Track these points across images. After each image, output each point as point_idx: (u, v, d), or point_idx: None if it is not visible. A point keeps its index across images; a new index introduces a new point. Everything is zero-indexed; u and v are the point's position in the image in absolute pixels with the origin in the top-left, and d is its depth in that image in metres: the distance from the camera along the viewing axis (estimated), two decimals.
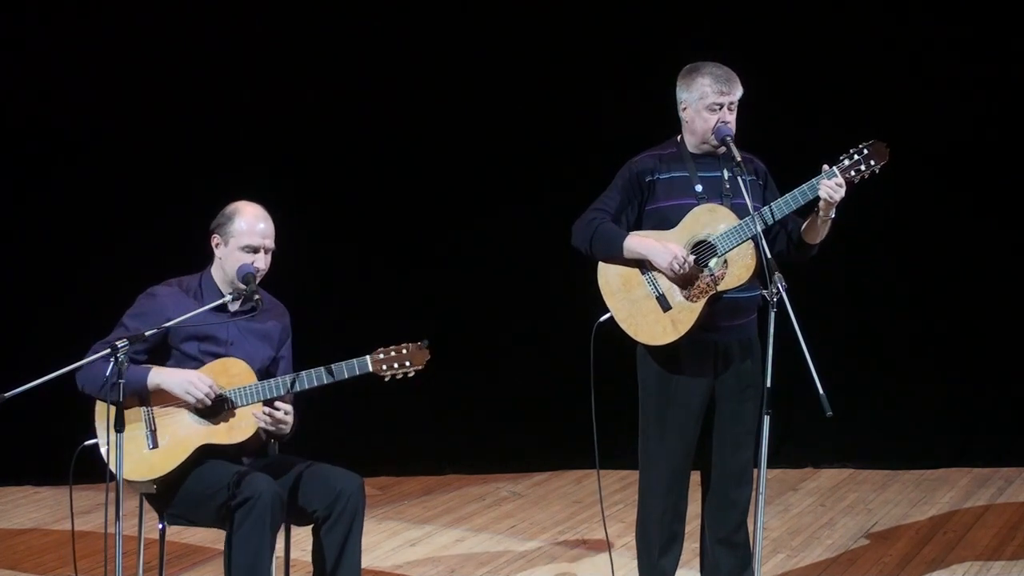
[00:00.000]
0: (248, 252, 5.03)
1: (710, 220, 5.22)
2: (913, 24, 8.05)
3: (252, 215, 5.07)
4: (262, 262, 5.06)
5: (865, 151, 5.19)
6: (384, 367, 5.00)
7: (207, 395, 4.91)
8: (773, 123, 7.25)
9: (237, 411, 4.97)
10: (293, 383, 4.96)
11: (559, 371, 7.07)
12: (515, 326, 8.16)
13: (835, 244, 5.35)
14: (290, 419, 4.99)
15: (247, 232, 5.04)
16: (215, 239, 5.08)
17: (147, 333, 4.82)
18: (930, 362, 8.26)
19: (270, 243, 5.08)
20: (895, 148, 5.23)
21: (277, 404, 4.96)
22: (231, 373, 4.99)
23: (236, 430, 4.98)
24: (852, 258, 7.62)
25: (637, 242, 5.23)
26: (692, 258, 5.18)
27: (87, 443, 4.90)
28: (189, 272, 5.19)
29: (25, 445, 7.63)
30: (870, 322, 8.28)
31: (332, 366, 4.96)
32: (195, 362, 5.01)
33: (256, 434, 4.99)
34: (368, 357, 4.99)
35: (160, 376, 4.94)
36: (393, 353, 5.01)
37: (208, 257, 5.11)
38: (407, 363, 5.02)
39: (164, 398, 4.96)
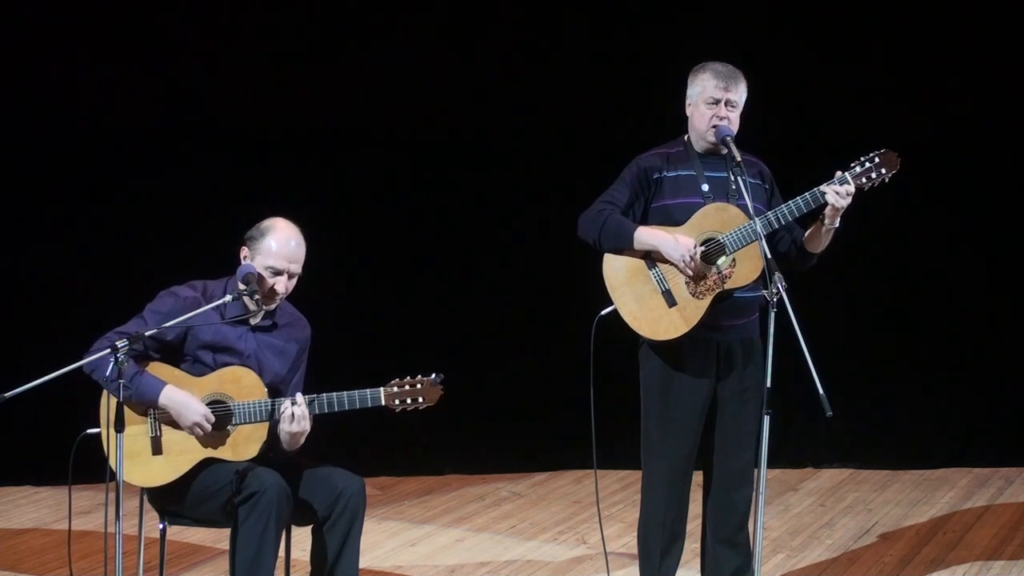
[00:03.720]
0: (271, 274, 5.01)
1: (720, 219, 5.22)
2: (911, 26, 8.07)
3: (284, 236, 5.02)
4: (282, 285, 5.03)
5: (876, 159, 5.20)
6: (396, 401, 5.00)
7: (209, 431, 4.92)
8: (781, 128, 7.30)
9: (244, 428, 4.97)
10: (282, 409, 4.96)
11: (559, 371, 7.07)
12: (515, 326, 8.16)
13: (836, 245, 5.36)
14: (306, 425, 4.98)
15: (275, 254, 5.00)
16: (244, 251, 5.04)
17: (148, 332, 4.82)
18: (930, 362, 8.27)
19: (296, 268, 5.04)
20: (900, 148, 5.24)
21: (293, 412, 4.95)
22: (242, 384, 4.98)
23: (241, 448, 4.97)
24: (852, 258, 7.61)
25: (648, 234, 5.23)
26: (702, 249, 5.18)
27: (89, 432, 4.90)
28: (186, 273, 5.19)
29: (25, 445, 7.63)
30: (870, 322, 8.28)
31: (344, 395, 4.95)
32: (208, 369, 5.00)
33: (259, 454, 4.99)
34: (381, 390, 4.98)
35: (171, 400, 4.91)
36: (407, 387, 5.00)
37: (233, 264, 5.06)
38: (420, 399, 5.01)
39: None
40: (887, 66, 8.10)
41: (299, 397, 4.96)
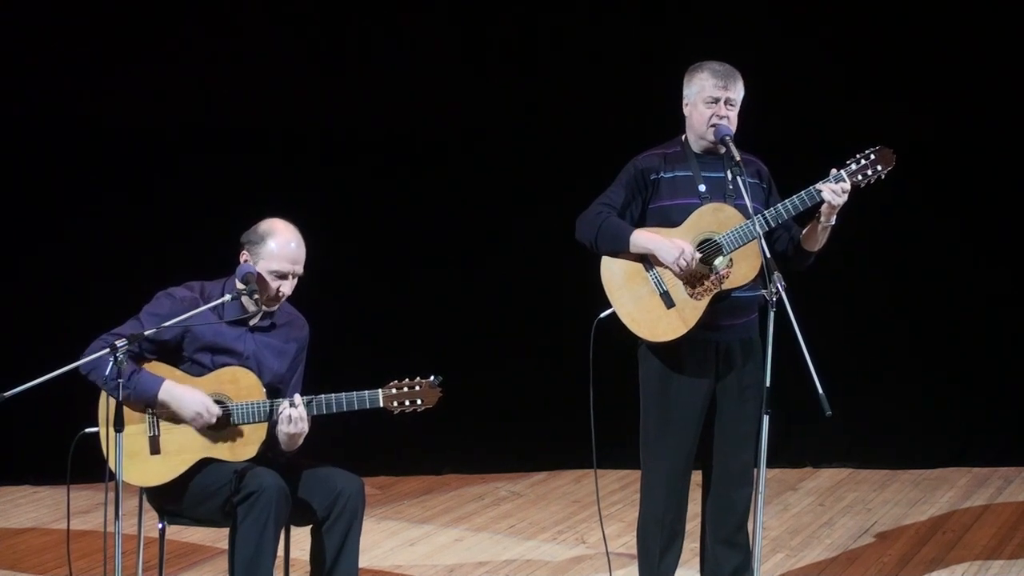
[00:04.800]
0: (276, 277, 5.00)
1: (716, 219, 5.22)
2: (909, 25, 8.08)
3: (284, 239, 5.00)
4: (288, 287, 5.02)
5: (872, 156, 5.20)
6: (395, 403, 4.99)
7: (212, 423, 4.91)
8: (779, 127, 7.30)
9: (242, 429, 4.96)
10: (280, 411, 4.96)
11: (558, 370, 7.07)
12: (515, 326, 8.16)
13: (834, 244, 5.36)
14: (304, 426, 4.98)
15: (278, 257, 4.98)
16: (244, 255, 5.02)
17: (147, 333, 4.82)
18: (929, 362, 8.27)
19: (299, 269, 5.02)
20: (898, 146, 5.24)
21: (291, 415, 4.94)
22: (240, 384, 4.98)
23: (240, 448, 4.97)
24: (851, 257, 7.62)
25: (644, 237, 5.23)
26: (698, 255, 5.18)
27: (88, 431, 4.90)
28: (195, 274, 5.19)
29: (24, 444, 7.63)
30: (869, 322, 8.28)
31: (343, 397, 4.95)
32: (207, 371, 5.00)
33: (258, 455, 4.99)
34: (380, 392, 4.97)
35: (171, 394, 4.91)
36: (406, 389, 4.99)
37: (232, 264, 5.05)
38: (418, 400, 5.00)
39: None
40: (884, 65, 8.10)
41: (297, 399, 4.95)
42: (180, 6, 7.96)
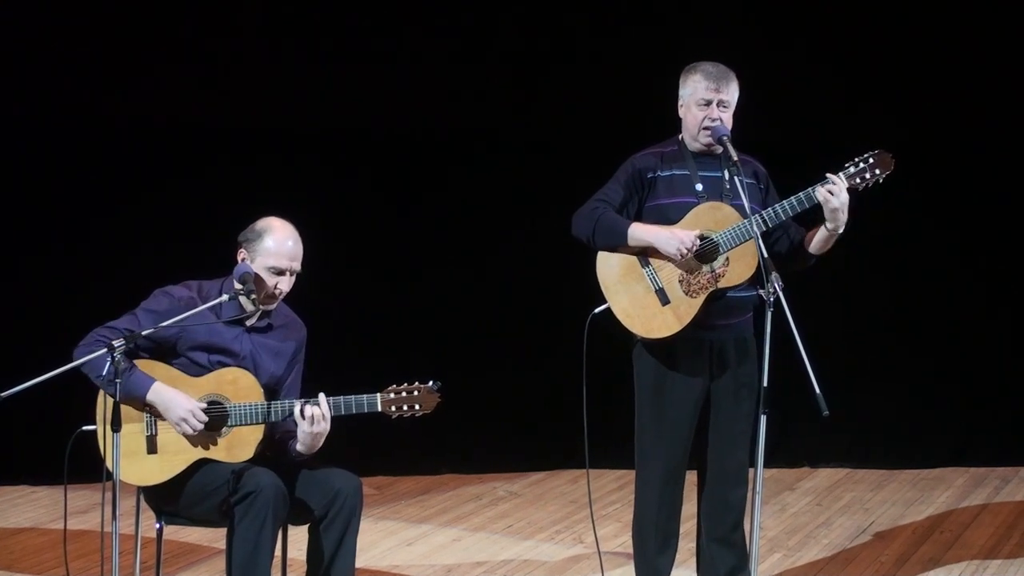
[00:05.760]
0: (274, 274, 5.02)
1: (713, 217, 5.23)
2: (908, 25, 8.09)
3: (282, 236, 5.01)
4: (285, 284, 5.03)
5: (870, 160, 5.21)
6: (393, 408, 4.99)
7: (199, 429, 4.91)
8: (778, 128, 7.30)
9: (239, 430, 4.97)
10: (300, 411, 4.95)
11: (557, 371, 7.08)
12: (513, 326, 8.17)
13: (833, 244, 5.36)
14: (326, 425, 4.96)
15: (275, 254, 4.99)
16: (242, 253, 5.04)
17: (144, 332, 4.82)
18: (927, 361, 8.27)
19: (297, 266, 5.04)
20: (897, 146, 5.24)
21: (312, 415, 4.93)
22: (238, 385, 4.98)
23: (236, 449, 4.97)
24: (849, 257, 7.61)
25: (642, 230, 5.23)
26: (698, 242, 5.18)
27: (86, 428, 4.90)
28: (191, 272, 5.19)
29: (22, 444, 7.63)
30: (868, 321, 8.29)
31: (341, 400, 4.95)
32: (204, 370, 5.00)
33: (255, 456, 4.99)
34: (378, 396, 4.97)
35: (159, 396, 4.90)
36: (404, 394, 4.99)
37: (230, 264, 5.06)
38: (416, 405, 5.00)
39: None
40: (884, 66, 8.11)
41: (321, 397, 4.94)
42: (180, 6, 7.96)
